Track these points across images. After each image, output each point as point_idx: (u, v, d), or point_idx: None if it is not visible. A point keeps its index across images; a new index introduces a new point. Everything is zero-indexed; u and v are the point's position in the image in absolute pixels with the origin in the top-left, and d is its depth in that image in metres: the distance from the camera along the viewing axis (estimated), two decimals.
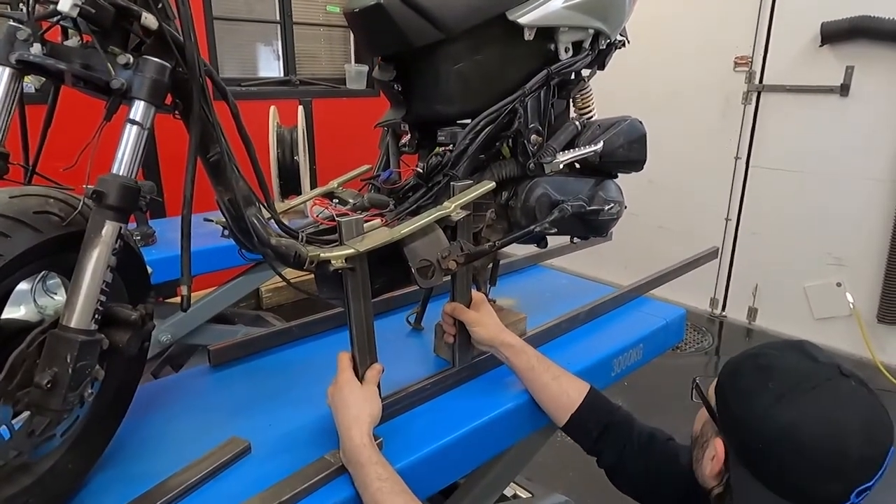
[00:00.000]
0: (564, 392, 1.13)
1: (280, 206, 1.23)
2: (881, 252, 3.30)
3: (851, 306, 3.44)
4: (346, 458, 0.92)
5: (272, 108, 2.50)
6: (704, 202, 3.98)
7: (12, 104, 0.78)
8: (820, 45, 3.35)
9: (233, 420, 1.06)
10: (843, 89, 3.32)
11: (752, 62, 3.65)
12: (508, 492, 1.84)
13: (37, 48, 0.74)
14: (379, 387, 1.02)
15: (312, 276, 1.00)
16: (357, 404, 0.96)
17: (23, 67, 0.76)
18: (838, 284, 3.49)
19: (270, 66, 4.22)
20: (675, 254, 1.93)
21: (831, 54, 3.35)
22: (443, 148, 1.16)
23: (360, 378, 1.01)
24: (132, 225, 1.97)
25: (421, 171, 1.14)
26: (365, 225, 1.01)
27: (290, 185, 2.45)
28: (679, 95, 3.97)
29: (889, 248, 3.24)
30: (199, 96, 0.78)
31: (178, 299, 2.65)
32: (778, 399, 0.78)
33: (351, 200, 1.16)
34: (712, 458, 0.85)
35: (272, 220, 0.95)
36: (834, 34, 3.27)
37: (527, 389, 1.17)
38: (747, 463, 0.81)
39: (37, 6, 0.74)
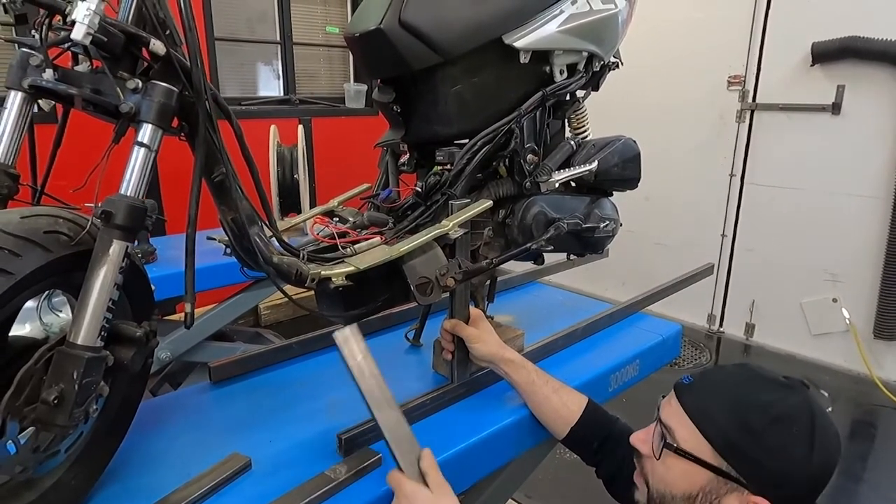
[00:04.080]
0: (565, 405, 1.14)
1: (280, 224, 1.25)
2: (876, 268, 3.32)
3: (848, 322, 3.45)
4: None
5: (272, 128, 2.54)
6: (701, 219, 4.01)
7: (24, 128, 0.80)
8: (811, 65, 3.41)
9: (233, 436, 1.07)
10: (835, 108, 3.37)
11: (745, 81, 3.71)
12: None
13: (49, 73, 0.77)
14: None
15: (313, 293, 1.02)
16: None
17: (35, 92, 0.78)
18: (834, 300, 3.50)
19: (270, 86, 4.27)
20: (671, 270, 1.95)
21: (822, 74, 3.40)
22: (441, 167, 1.18)
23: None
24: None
25: (420, 190, 1.16)
26: (364, 243, 1.03)
27: (290, 203, 2.48)
28: (674, 114, 4.02)
29: (884, 264, 3.27)
30: (204, 120, 0.81)
31: (178, 316, 2.66)
32: (810, 444, 0.80)
33: (351, 219, 1.18)
34: None
35: (273, 238, 0.97)
36: (825, 54, 3.33)
37: (525, 404, 1.18)
38: (786, 497, 0.82)
39: (49, 33, 0.77)
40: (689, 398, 0.87)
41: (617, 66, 1.43)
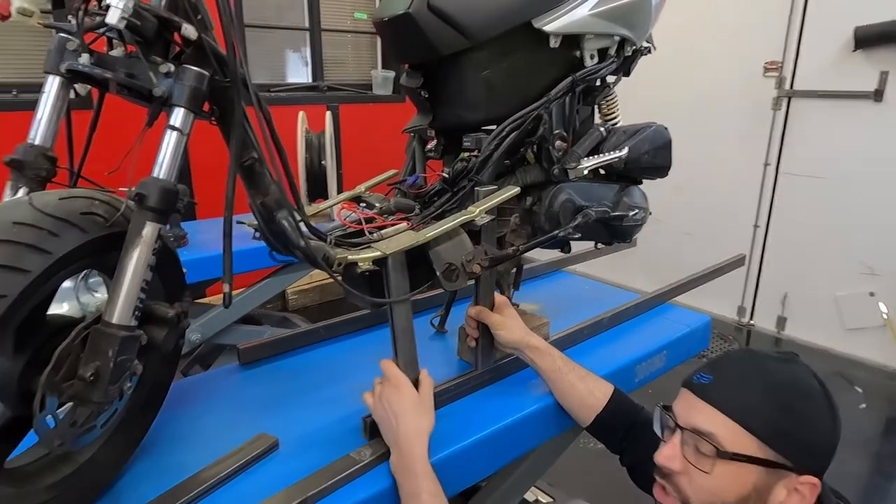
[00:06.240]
0: (591, 393, 1.14)
1: (308, 209, 1.26)
2: None
3: (885, 317, 3.35)
4: (402, 466, 0.92)
5: (301, 114, 2.55)
6: (732, 209, 3.92)
7: (61, 112, 0.82)
8: (853, 50, 3.28)
9: (261, 417, 1.09)
10: (877, 95, 3.25)
11: (782, 67, 3.59)
12: (530, 496, 1.84)
13: (85, 58, 0.78)
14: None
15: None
16: (421, 412, 0.96)
17: (72, 76, 0.80)
18: (871, 294, 3.40)
19: (299, 72, 4.29)
20: (701, 261, 1.91)
21: (865, 59, 3.27)
22: (468, 153, 1.17)
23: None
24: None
25: (447, 176, 1.16)
26: (391, 229, 1.04)
27: (318, 189, 2.50)
28: (707, 101, 3.93)
29: None
30: (239, 106, 0.81)
31: (209, 300, 2.72)
32: (831, 411, 0.82)
33: (377, 204, 1.19)
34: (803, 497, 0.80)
35: (301, 223, 0.97)
36: (868, 39, 3.20)
37: (551, 391, 1.18)
38: (820, 471, 0.82)
39: (85, 18, 0.79)
40: (719, 395, 0.83)
41: (649, 51, 1.40)
